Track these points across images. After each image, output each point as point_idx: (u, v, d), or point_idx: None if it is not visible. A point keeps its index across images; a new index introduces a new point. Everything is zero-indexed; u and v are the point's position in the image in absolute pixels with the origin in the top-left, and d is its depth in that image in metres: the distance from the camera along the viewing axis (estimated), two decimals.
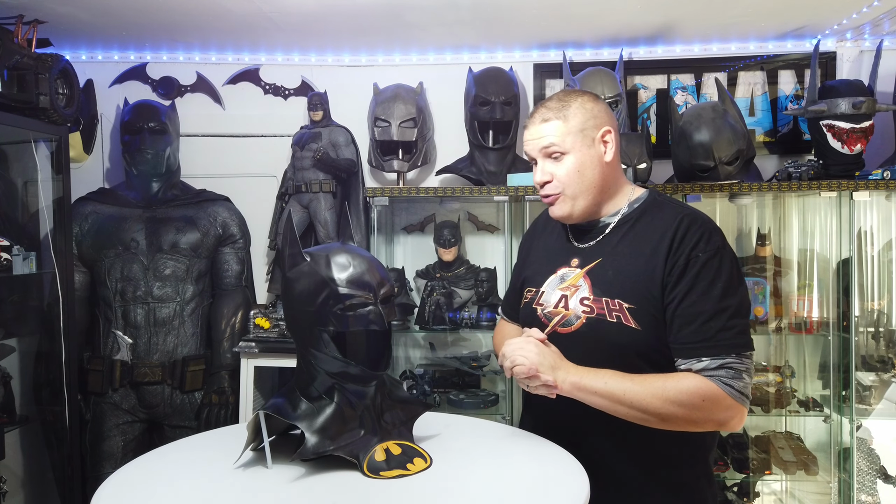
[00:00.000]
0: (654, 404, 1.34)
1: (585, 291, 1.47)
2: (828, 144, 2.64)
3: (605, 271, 1.47)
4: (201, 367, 2.80)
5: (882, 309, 2.79)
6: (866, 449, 2.69)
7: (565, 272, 1.53)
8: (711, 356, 1.35)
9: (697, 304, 1.37)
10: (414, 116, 2.86)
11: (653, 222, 1.47)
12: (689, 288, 1.38)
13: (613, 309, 1.43)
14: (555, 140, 1.47)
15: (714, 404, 1.33)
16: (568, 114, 1.48)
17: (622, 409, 1.36)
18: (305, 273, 1.34)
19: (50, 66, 2.43)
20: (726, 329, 1.36)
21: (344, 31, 2.81)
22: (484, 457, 1.39)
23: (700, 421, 1.37)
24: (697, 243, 1.40)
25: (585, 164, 1.48)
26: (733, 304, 1.38)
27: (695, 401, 1.33)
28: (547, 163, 1.50)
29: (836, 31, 2.87)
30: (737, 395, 1.34)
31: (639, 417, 1.36)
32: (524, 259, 1.71)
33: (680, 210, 1.48)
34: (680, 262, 1.39)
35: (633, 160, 2.60)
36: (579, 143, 1.47)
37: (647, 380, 1.36)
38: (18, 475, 2.71)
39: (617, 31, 2.85)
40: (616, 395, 1.36)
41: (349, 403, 1.34)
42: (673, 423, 1.36)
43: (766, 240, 2.83)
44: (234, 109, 3.16)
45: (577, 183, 1.48)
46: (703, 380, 1.34)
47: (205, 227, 2.87)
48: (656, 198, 1.54)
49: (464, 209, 3.01)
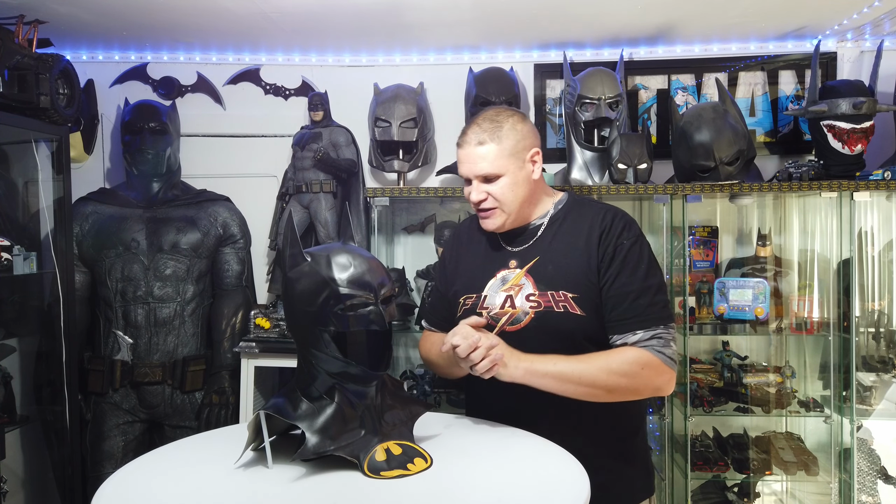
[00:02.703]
0: (600, 377, 1.50)
1: (530, 288, 1.60)
2: (828, 145, 2.64)
3: (545, 267, 1.61)
4: (202, 367, 2.80)
5: (882, 309, 2.79)
6: (867, 449, 2.69)
7: (505, 274, 1.65)
8: (644, 328, 1.53)
9: (627, 285, 1.55)
10: (414, 116, 2.86)
11: (579, 218, 1.64)
12: (619, 271, 1.56)
13: (559, 300, 1.56)
14: (488, 167, 1.60)
15: (652, 371, 1.52)
16: (501, 136, 1.60)
17: (571, 388, 1.50)
18: (306, 273, 1.34)
19: (51, 66, 2.43)
20: (653, 304, 1.55)
21: (344, 32, 2.81)
22: (484, 457, 1.39)
23: (640, 388, 1.55)
24: (622, 232, 1.59)
25: (517, 183, 1.61)
26: (655, 283, 1.57)
27: (635, 369, 1.51)
28: (481, 185, 1.62)
29: (836, 31, 2.87)
30: (668, 360, 1.53)
31: (587, 393, 1.51)
32: (453, 270, 1.77)
33: (600, 206, 1.67)
34: (609, 249, 1.57)
35: (634, 161, 2.60)
36: (511, 165, 1.61)
37: (591, 357, 1.52)
38: (19, 475, 2.71)
39: (617, 32, 2.85)
40: (566, 375, 1.49)
41: (350, 403, 1.34)
42: (618, 394, 1.53)
43: (766, 240, 2.83)
44: (234, 109, 3.16)
45: (511, 200, 1.62)
46: (640, 350, 1.52)
47: (205, 228, 2.87)
48: (576, 198, 1.72)
49: (464, 209, 3.01)
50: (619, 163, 2.61)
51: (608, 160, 2.66)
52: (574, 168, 2.81)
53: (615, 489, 1.57)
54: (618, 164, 2.61)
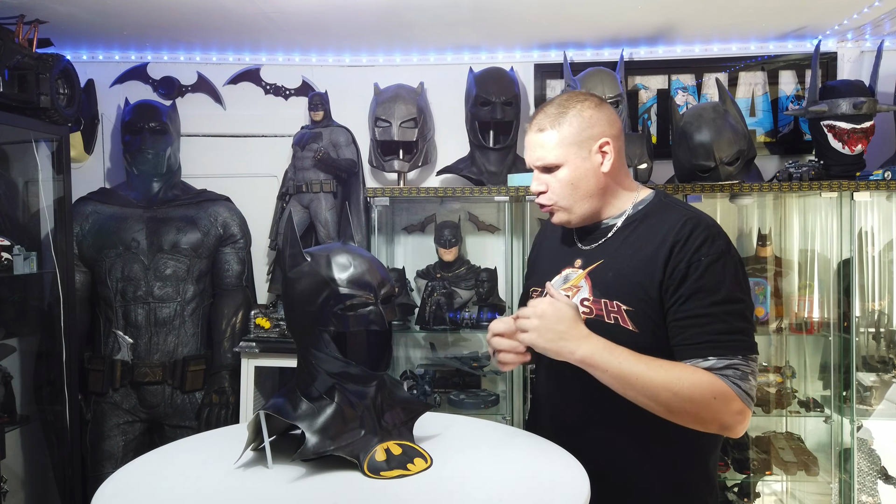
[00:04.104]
0: (662, 395, 1.31)
1: (586, 292, 1.47)
2: (828, 145, 2.64)
3: (605, 273, 1.46)
4: (202, 367, 2.80)
5: (883, 309, 2.79)
6: (867, 449, 2.69)
7: (569, 273, 1.53)
8: (718, 356, 1.32)
9: (703, 307, 1.35)
10: (415, 116, 2.86)
11: (656, 224, 1.45)
12: (694, 291, 1.35)
13: (612, 311, 1.42)
14: (547, 155, 1.47)
15: (724, 404, 1.30)
16: (563, 122, 1.46)
17: (630, 393, 1.33)
18: (306, 273, 1.34)
19: (51, 66, 2.43)
20: (732, 332, 1.33)
21: (345, 32, 2.81)
22: (484, 457, 1.39)
23: (706, 420, 1.33)
24: (700, 247, 1.37)
25: (580, 177, 1.46)
26: (739, 308, 1.35)
27: (705, 397, 1.30)
28: (541, 175, 1.50)
29: (836, 31, 2.87)
30: (745, 396, 1.31)
31: (645, 405, 1.33)
32: (534, 263, 1.72)
33: (684, 213, 1.45)
34: (681, 265, 1.37)
35: (634, 160, 2.60)
36: (573, 155, 1.46)
37: (662, 367, 1.32)
38: (19, 475, 2.71)
39: (618, 32, 2.85)
40: (627, 378, 1.32)
41: (350, 403, 1.33)
42: (678, 417, 1.33)
43: (766, 240, 2.83)
44: (234, 109, 3.17)
45: (570, 195, 1.48)
46: (715, 377, 1.31)
47: (205, 227, 2.87)
48: (662, 199, 1.52)
49: (464, 209, 3.01)
50: None
51: None
52: None
53: None
54: None
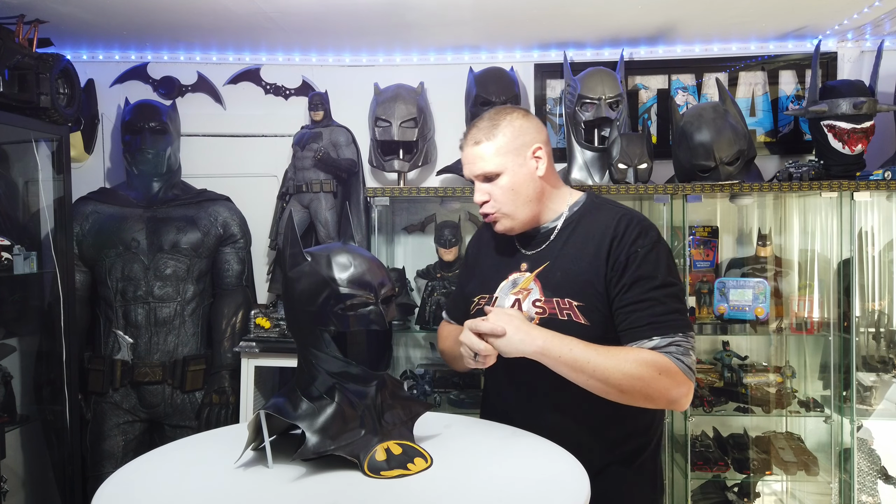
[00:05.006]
0: (614, 376, 1.42)
1: (537, 294, 1.56)
2: (829, 145, 2.64)
3: (553, 273, 1.56)
4: (202, 367, 2.80)
5: (883, 309, 2.79)
6: (867, 449, 2.69)
7: (516, 277, 1.62)
8: (661, 335, 1.45)
9: (643, 293, 1.48)
10: (415, 116, 2.86)
11: (593, 223, 1.58)
12: (635, 279, 1.49)
13: (564, 308, 1.52)
14: (487, 164, 1.56)
15: (669, 379, 1.43)
16: (496, 133, 1.56)
17: (583, 378, 1.44)
18: (306, 273, 1.34)
19: (51, 66, 2.43)
20: (670, 312, 1.47)
21: (345, 31, 2.81)
22: (484, 457, 1.39)
23: (655, 396, 1.45)
24: (636, 240, 1.51)
25: (519, 182, 1.57)
26: (674, 291, 1.50)
27: (652, 373, 1.42)
28: (483, 186, 1.59)
29: (837, 31, 2.87)
30: (687, 370, 1.45)
31: (599, 388, 1.45)
32: (472, 268, 1.78)
33: (617, 210, 1.59)
34: (621, 258, 1.50)
35: (634, 160, 2.60)
36: (510, 163, 1.56)
37: (609, 351, 1.44)
38: (19, 474, 2.71)
39: (618, 32, 2.85)
40: (580, 364, 1.43)
41: (350, 403, 1.34)
42: (630, 396, 1.45)
43: (766, 240, 2.83)
44: (234, 109, 3.16)
45: (512, 201, 1.57)
46: (658, 354, 1.44)
47: (205, 227, 2.87)
48: (594, 200, 1.65)
49: (464, 209, 3.01)
50: (620, 163, 2.61)
51: (608, 160, 2.66)
52: (574, 168, 2.81)
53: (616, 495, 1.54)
54: (618, 163, 2.61)
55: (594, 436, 1.55)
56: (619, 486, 1.56)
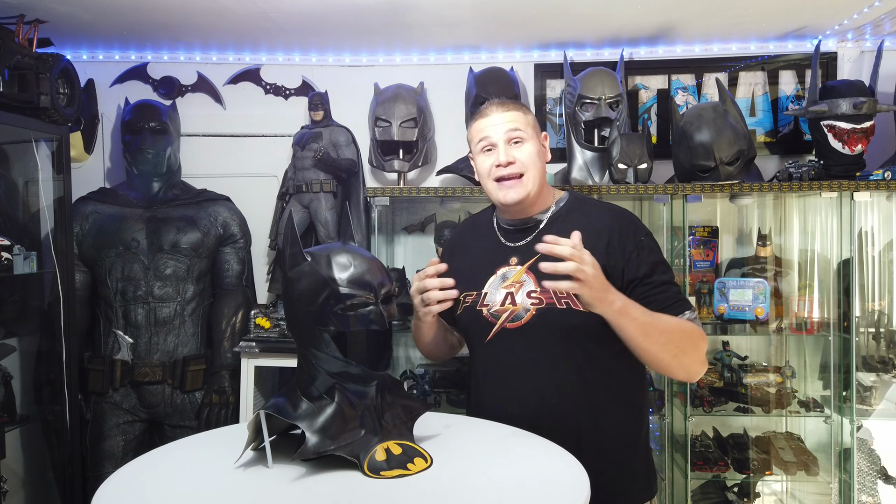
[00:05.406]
0: (676, 336, 1.51)
1: (531, 285, 1.59)
2: (828, 145, 2.64)
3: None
4: (202, 367, 2.80)
5: (882, 309, 2.79)
6: (867, 449, 2.69)
7: (506, 271, 1.64)
8: (689, 310, 1.58)
9: (661, 275, 1.59)
10: (415, 116, 2.86)
11: (582, 217, 1.64)
12: (652, 265, 1.58)
13: (562, 296, 1.55)
14: (521, 127, 1.63)
15: (705, 345, 1.57)
16: (522, 107, 1.68)
17: (649, 340, 1.49)
18: (306, 273, 1.34)
19: (51, 66, 2.43)
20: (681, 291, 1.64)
21: (345, 31, 2.81)
22: (484, 457, 1.39)
23: (696, 361, 1.56)
24: (636, 231, 1.62)
25: (537, 155, 1.65)
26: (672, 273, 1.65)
27: (697, 339, 1.55)
28: (509, 147, 1.63)
29: (836, 31, 2.87)
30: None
31: (661, 349, 1.50)
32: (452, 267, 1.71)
33: (606, 206, 1.71)
34: (629, 248, 1.57)
35: (634, 160, 2.60)
36: (534, 136, 1.66)
37: (666, 316, 1.53)
38: (19, 474, 2.71)
39: (618, 32, 2.85)
40: (652, 324, 1.49)
41: (350, 403, 1.33)
42: (679, 360, 1.53)
43: (766, 240, 2.83)
44: (234, 109, 3.16)
45: (534, 168, 1.63)
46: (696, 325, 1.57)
47: (205, 227, 2.87)
48: (577, 197, 1.74)
49: (464, 209, 3.01)
50: (620, 163, 2.61)
51: (608, 160, 2.66)
52: (574, 168, 2.81)
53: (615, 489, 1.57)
54: (618, 164, 2.61)
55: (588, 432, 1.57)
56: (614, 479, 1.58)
